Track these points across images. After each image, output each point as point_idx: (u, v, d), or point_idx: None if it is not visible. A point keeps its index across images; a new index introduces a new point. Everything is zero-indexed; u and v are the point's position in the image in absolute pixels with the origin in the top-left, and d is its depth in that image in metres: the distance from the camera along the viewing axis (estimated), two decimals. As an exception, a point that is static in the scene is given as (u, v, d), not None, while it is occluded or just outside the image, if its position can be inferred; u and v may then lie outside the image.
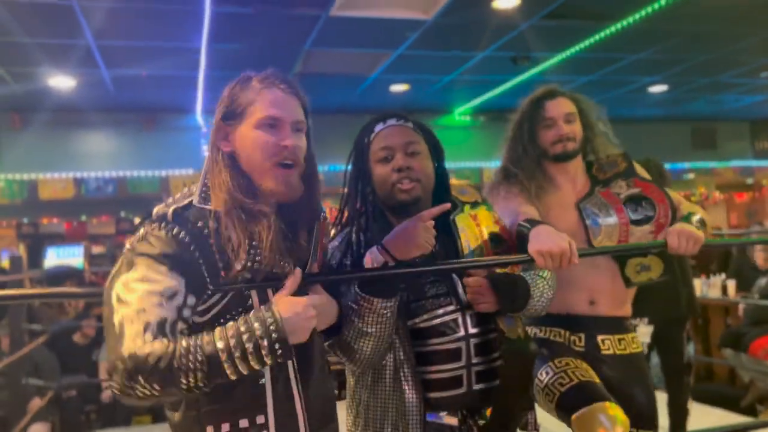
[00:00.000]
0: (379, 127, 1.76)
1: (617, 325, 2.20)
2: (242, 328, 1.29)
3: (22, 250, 9.63)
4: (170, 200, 1.45)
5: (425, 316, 1.69)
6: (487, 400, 1.71)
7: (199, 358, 1.25)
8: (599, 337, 2.16)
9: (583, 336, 2.16)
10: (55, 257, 8.93)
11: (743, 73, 8.27)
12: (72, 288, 5.39)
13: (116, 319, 1.30)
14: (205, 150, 8.11)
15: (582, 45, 6.67)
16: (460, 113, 9.89)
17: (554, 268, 1.72)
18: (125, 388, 1.24)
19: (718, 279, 5.83)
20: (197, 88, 7.53)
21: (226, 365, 1.26)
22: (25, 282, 4.92)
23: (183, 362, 1.24)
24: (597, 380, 2.01)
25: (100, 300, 1.40)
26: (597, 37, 6.41)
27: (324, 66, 7.05)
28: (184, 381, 1.24)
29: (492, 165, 10.08)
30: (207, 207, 1.40)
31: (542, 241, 1.73)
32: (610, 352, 2.16)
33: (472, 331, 1.70)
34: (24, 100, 7.64)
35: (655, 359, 3.96)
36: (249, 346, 1.27)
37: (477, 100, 9.14)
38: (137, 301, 1.30)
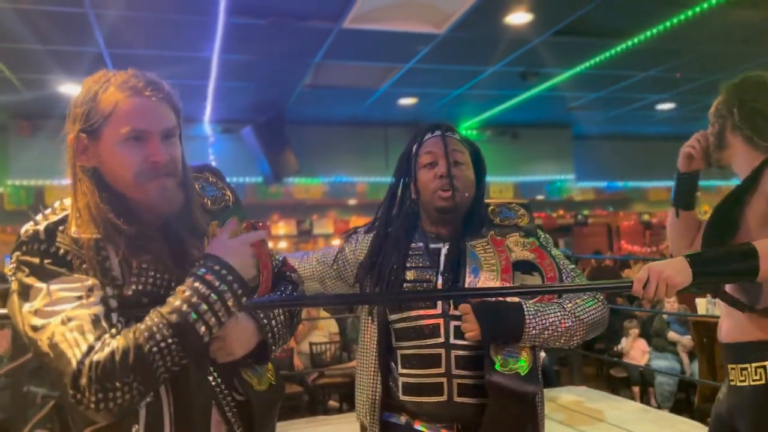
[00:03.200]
0: (428, 136, 1.83)
1: (738, 353, 1.87)
2: (196, 284, 1.16)
3: (27, 256, 9.64)
4: (39, 217, 1.30)
5: (404, 315, 1.71)
6: (478, 415, 1.61)
7: (166, 332, 1.12)
8: (728, 366, 1.91)
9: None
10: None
11: (752, 93, 8.25)
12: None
13: (45, 346, 1.14)
14: (210, 159, 7.91)
15: (591, 62, 6.69)
16: (467, 127, 9.89)
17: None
18: (99, 401, 1.09)
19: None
20: (207, 97, 7.57)
21: (197, 325, 1.13)
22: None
23: (152, 343, 1.11)
24: None
25: None
26: (607, 54, 6.42)
27: (334, 78, 7.08)
28: (161, 363, 1.12)
29: (497, 179, 10.06)
30: (83, 237, 1.23)
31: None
32: (734, 383, 1.88)
33: (455, 341, 1.66)
34: (34, 107, 7.67)
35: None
36: (211, 296, 1.15)
37: (484, 114, 9.13)
38: (54, 315, 1.16)
